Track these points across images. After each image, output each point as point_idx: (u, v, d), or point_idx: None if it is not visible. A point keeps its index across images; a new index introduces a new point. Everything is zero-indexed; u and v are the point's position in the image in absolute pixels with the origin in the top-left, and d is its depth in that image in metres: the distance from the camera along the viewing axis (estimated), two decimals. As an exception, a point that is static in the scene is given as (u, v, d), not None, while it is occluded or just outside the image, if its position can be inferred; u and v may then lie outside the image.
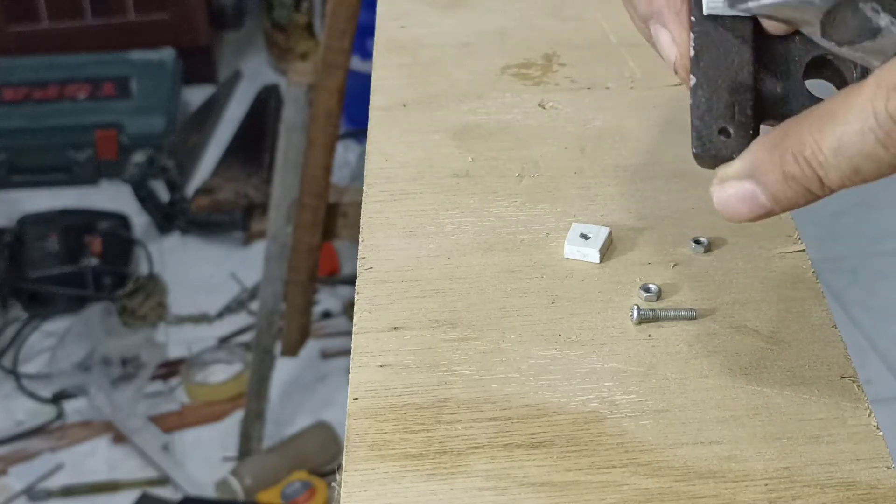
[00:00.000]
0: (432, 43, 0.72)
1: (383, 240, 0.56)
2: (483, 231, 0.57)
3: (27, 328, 2.13)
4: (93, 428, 1.94)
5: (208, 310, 2.16)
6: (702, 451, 0.45)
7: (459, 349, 0.50)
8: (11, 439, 1.92)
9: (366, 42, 1.56)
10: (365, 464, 0.45)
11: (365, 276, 0.54)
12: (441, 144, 0.63)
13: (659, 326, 0.51)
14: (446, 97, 0.67)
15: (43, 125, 2.43)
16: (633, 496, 0.43)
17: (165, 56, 2.60)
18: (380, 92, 0.67)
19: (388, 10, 0.76)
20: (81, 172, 2.44)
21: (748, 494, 0.43)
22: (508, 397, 0.48)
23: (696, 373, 0.49)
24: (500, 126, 0.64)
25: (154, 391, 1.99)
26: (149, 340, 2.08)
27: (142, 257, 2.27)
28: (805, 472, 0.44)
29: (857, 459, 0.45)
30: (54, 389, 1.99)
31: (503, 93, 0.67)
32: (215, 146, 2.56)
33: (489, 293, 0.53)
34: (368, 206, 0.59)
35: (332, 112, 1.46)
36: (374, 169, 0.61)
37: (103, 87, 2.51)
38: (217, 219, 2.32)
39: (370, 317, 0.52)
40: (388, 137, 0.63)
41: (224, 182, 2.40)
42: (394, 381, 0.48)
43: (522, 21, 0.74)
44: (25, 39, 2.61)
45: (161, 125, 2.46)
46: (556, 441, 0.46)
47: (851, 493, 0.43)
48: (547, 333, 0.51)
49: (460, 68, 0.69)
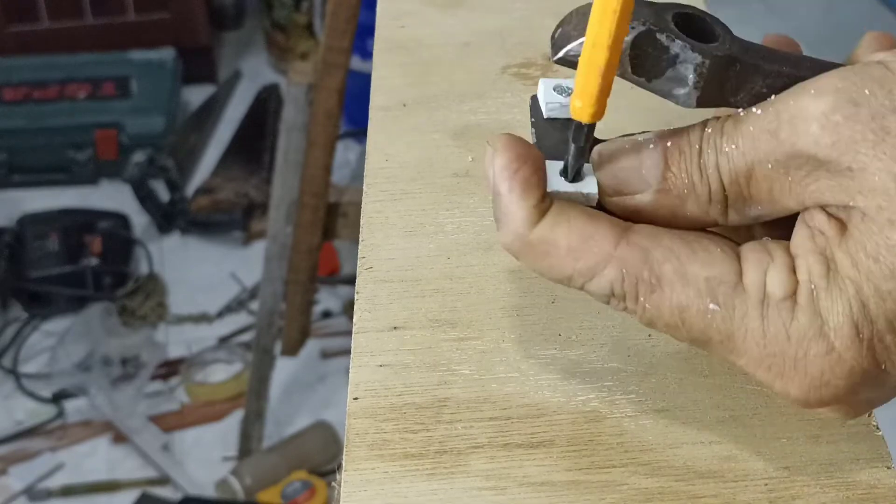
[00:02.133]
0: (432, 43, 0.72)
1: (383, 239, 0.56)
2: (483, 231, 0.57)
3: (27, 328, 2.13)
4: (93, 428, 1.94)
5: (208, 309, 2.16)
6: (702, 450, 0.45)
7: (459, 349, 0.50)
8: (11, 439, 1.92)
9: (366, 42, 1.56)
10: (365, 463, 0.45)
11: (365, 275, 0.54)
12: (441, 144, 0.63)
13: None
14: (446, 97, 0.67)
15: (43, 125, 2.43)
16: (633, 496, 0.43)
17: (165, 56, 2.60)
18: (380, 92, 0.67)
19: (388, 10, 0.76)
20: (81, 172, 2.44)
21: (748, 494, 0.43)
22: (508, 397, 0.48)
23: (696, 373, 0.49)
24: (500, 126, 0.64)
25: (154, 391, 2.00)
26: (149, 340, 2.09)
27: (142, 257, 2.27)
28: (805, 472, 0.44)
29: (857, 459, 0.45)
30: (54, 389, 2.00)
31: (503, 93, 0.67)
32: (215, 146, 2.56)
33: (489, 293, 0.53)
34: (368, 205, 0.59)
35: (332, 112, 1.47)
36: (374, 169, 0.61)
37: (103, 87, 2.51)
38: (217, 219, 2.33)
39: (370, 316, 0.52)
40: (388, 137, 0.63)
41: (224, 182, 2.40)
42: (394, 381, 0.48)
43: (522, 21, 0.74)
44: (25, 39, 2.61)
45: (161, 125, 2.46)
46: (556, 441, 0.46)
47: (851, 493, 0.43)
48: (547, 333, 0.51)
49: (460, 68, 0.69)
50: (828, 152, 0.37)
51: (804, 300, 0.38)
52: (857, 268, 0.37)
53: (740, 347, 0.39)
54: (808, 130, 0.38)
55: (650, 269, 0.40)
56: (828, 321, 0.38)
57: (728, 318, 0.39)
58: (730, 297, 0.39)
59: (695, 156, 0.40)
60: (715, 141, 0.40)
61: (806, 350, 0.38)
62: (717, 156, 0.40)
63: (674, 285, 0.39)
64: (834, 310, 0.38)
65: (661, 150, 0.41)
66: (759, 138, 0.39)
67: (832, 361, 0.38)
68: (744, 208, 0.40)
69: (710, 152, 0.40)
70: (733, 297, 0.39)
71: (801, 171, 0.38)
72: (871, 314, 0.38)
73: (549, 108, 0.45)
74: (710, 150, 0.40)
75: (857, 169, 0.37)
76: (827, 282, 0.38)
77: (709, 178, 0.40)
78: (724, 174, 0.40)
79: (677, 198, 0.40)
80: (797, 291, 0.38)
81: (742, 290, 0.39)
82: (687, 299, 0.39)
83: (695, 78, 0.40)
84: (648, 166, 0.41)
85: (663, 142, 0.41)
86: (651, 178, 0.41)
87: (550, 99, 0.45)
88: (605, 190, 0.42)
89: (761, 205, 0.40)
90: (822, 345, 0.38)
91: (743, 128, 0.39)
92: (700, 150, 0.40)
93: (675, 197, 0.40)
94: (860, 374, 0.39)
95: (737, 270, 0.39)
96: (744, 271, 0.39)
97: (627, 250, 0.40)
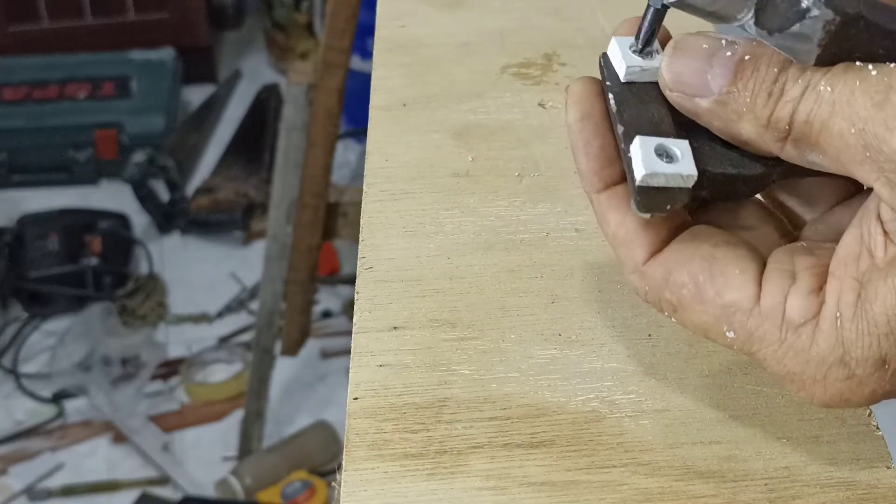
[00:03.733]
0: (432, 43, 0.72)
1: (383, 239, 0.56)
2: (483, 231, 0.57)
3: (27, 328, 2.13)
4: (93, 428, 1.94)
5: (208, 309, 2.16)
6: (701, 450, 0.45)
7: (459, 349, 0.50)
8: (11, 439, 1.92)
9: (366, 42, 1.56)
10: (365, 463, 0.45)
11: (365, 275, 0.54)
12: (441, 144, 0.63)
13: (659, 326, 0.51)
14: (446, 97, 0.67)
15: (43, 125, 2.43)
16: (633, 496, 0.43)
17: (165, 56, 2.60)
18: (380, 91, 0.67)
19: (388, 10, 0.76)
20: (81, 172, 2.44)
21: (748, 494, 0.43)
22: (508, 397, 0.48)
23: (696, 373, 0.49)
24: (500, 126, 0.64)
25: (154, 391, 2.00)
26: (149, 340, 2.08)
27: (142, 257, 2.27)
28: (805, 471, 0.44)
29: (856, 459, 0.45)
30: (54, 389, 2.00)
31: (503, 92, 0.67)
32: (215, 146, 2.56)
33: (489, 293, 0.53)
34: (368, 205, 0.59)
35: (332, 112, 1.46)
36: (374, 168, 0.61)
37: (103, 86, 2.51)
38: (217, 218, 2.33)
39: (370, 316, 0.52)
40: (388, 137, 0.63)
41: (224, 182, 2.40)
42: (394, 381, 0.48)
43: (522, 21, 0.74)
44: (25, 39, 2.61)
45: (161, 125, 2.46)
46: (556, 441, 0.46)
47: (851, 493, 0.43)
48: (547, 333, 0.51)
49: (460, 68, 0.69)
50: None
51: (827, 326, 0.37)
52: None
53: (763, 363, 0.39)
54: None
55: (671, 292, 0.40)
56: (850, 351, 0.37)
57: (746, 342, 0.39)
58: (744, 324, 0.39)
59: (769, 78, 0.38)
60: (813, 75, 0.37)
61: (825, 374, 0.38)
62: (807, 90, 0.37)
63: (693, 309, 0.40)
64: (859, 343, 0.37)
65: (736, 60, 0.39)
66: (858, 98, 0.36)
67: (853, 385, 0.38)
68: (805, 150, 0.38)
69: (800, 82, 0.38)
70: (748, 323, 0.39)
71: (882, 156, 0.36)
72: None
73: (628, 72, 0.42)
74: (801, 80, 0.38)
75: None
76: (854, 313, 0.37)
77: (775, 105, 0.38)
78: (803, 111, 0.37)
79: (734, 112, 0.39)
80: (820, 314, 0.38)
81: (759, 313, 0.39)
82: (705, 323, 0.40)
83: (822, 35, 0.37)
84: (716, 73, 0.39)
85: (742, 53, 0.39)
86: (714, 86, 0.39)
87: (630, 62, 0.42)
88: (667, 83, 0.40)
89: (824, 156, 0.38)
90: (843, 371, 0.38)
91: (849, 77, 0.37)
92: (778, 74, 0.38)
93: (731, 111, 0.39)
94: (883, 395, 0.38)
95: (754, 295, 0.39)
96: (763, 294, 0.39)
97: (653, 268, 0.41)
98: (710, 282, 0.40)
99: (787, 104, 0.38)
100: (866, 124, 0.36)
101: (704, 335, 0.41)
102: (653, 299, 0.41)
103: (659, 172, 0.39)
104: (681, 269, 0.40)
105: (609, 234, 0.42)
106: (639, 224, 0.41)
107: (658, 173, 0.39)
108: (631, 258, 0.41)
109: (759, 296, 0.39)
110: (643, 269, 0.41)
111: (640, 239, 0.41)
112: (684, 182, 0.39)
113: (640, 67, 0.42)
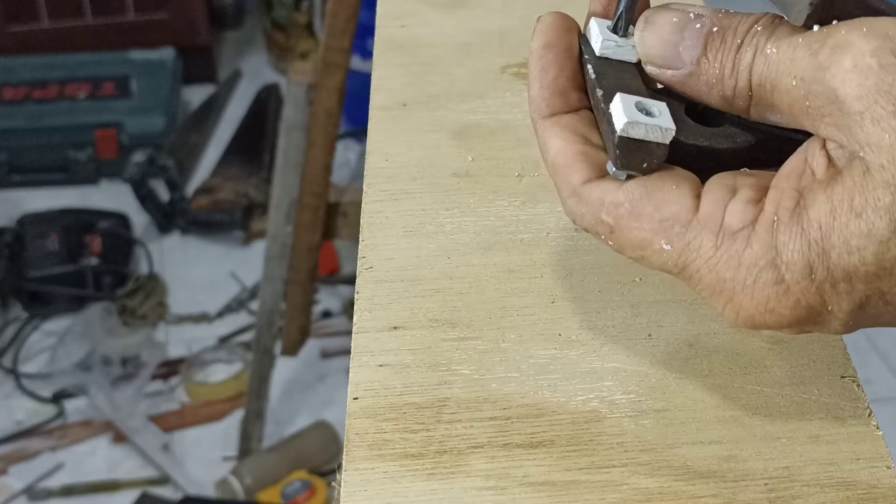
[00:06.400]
0: (432, 43, 0.72)
1: (383, 239, 0.56)
2: (483, 231, 0.57)
3: (27, 328, 2.13)
4: (93, 427, 1.94)
5: (208, 309, 2.16)
6: (701, 450, 0.45)
7: (459, 349, 0.50)
8: (11, 439, 1.92)
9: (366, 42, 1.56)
10: (365, 463, 0.45)
11: (365, 275, 0.54)
12: (441, 144, 0.63)
13: (659, 326, 0.51)
14: (446, 97, 0.67)
15: (43, 125, 2.43)
16: (633, 495, 0.43)
17: (165, 56, 2.60)
18: (380, 92, 0.67)
19: (388, 10, 0.76)
20: (81, 172, 2.44)
21: (748, 494, 0.43)
22: (508, 397, 0.48)
23: (696, 373, 0.49)
24: (500, 126, 0.64)
25: (154, 391, 2.00)
26: (149, 340, 2.08)
27: (142, 257, 2.27)
28: (805, 471, 0.44)
29: (856, 459, 0.45)
30: (54, 389, 2.00)
31: (503, 92, 0.67)
32: (215, 146, 2.56)
33: (489, 293, 0.53)
34: (368, 205, 0.59)
35: (332, 111, 1.46)
36: (374, 169, 0.61)
37: (103, 86, 2.51)
38: (217, 218, 2.32)
39: (370, 316, 0.52)
40: (388, 137, 0.63)
41: (224, 182, 2.40)
42: (393, 381, 0.48)
43: (522, 21, 0.74)
44: (25, 39, 2.61)
45: (161, 125, 2.46)
46: (556, 441, 0.46)
47: (851, 493, 0.43)
48: (547, 333, 0.51)
49: (460, 68, 0.69)
50: (849, 91, 0.37)
51: (762, 229, 0.39)
52: (834, 215, 0.37)
53: (695, 276, 0.40)
54: (842, 63, 0.37)
55: (607, 212, 0.41)
56: (781, 254, 0.38)
57: (682, 253, 0.40)
58: (682, 235, 0.40)
59: (733, 49, 0.40)
60: (758, 40, 0.39)
61: (756, 277, 0.39)
62: (755, 55, 0.39)
63: (630, 227, 0.41)
64: (790, 246, 0.38)
65: (705, 32, 0.41)
66: (798, 52, 0.38)
67: (780, 291, 0.39)
68: (765, 112, 0.40)
69: (748, 50, 0.40)
70: (686, 234, 0.40)
71: (819, 100, 0.38)
72: (831, 262, 0.38)
73: (603, 45, 0.44)
74: (749, 47, 0.40)
75: (870, 119, 0.37)
76: (790, 217, 0.38)
77: (738, 75, 0.40)
78: (755, 75, 0.39)
79: (705, 84, 0.41)
80: (757, 221, 0.39)
81: (696, 223, 0.40)
82: (642, 240, 0.41)
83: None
84: (687, 46, 0.41)
85: (710, 25, 0.41)
86: (686, 58, 0.41)
87: (607, 37, 0.44)
88: (642, 56, 0.42)
89: (781, 115, 0.40)
90: (772, 274, 0.39)
91: (791, 38, 0.39)
92: (741, 45, 0.40)
93: (703, 83, 0.41)
94: (805, 309, 0.39)
95: (691, 207, 0.40)
96: (701, 205, 0.40)
97: (589, 190, 0.42)
98: (647, 198, 0.41)
99: (743, 72, 0.40)
100: (804, 72, 0.38)
101: (640, 256, 0.41)
102: (589, 223, 0.42)
103: (640, 122, 0.40)
104: (617, 189, 0.41)
105: (549, 161, 0.43)
106: (579, 151, 0.42)
107: (639, 122, 0.40)
108: (568, 182, 0.42)
109: (696, 208, 0.40)
110: (580, 190, 0.42)
111: (579, 164, 0.42)
112: (663, 136, 0.40)
113: (615, 43, 0.44)
